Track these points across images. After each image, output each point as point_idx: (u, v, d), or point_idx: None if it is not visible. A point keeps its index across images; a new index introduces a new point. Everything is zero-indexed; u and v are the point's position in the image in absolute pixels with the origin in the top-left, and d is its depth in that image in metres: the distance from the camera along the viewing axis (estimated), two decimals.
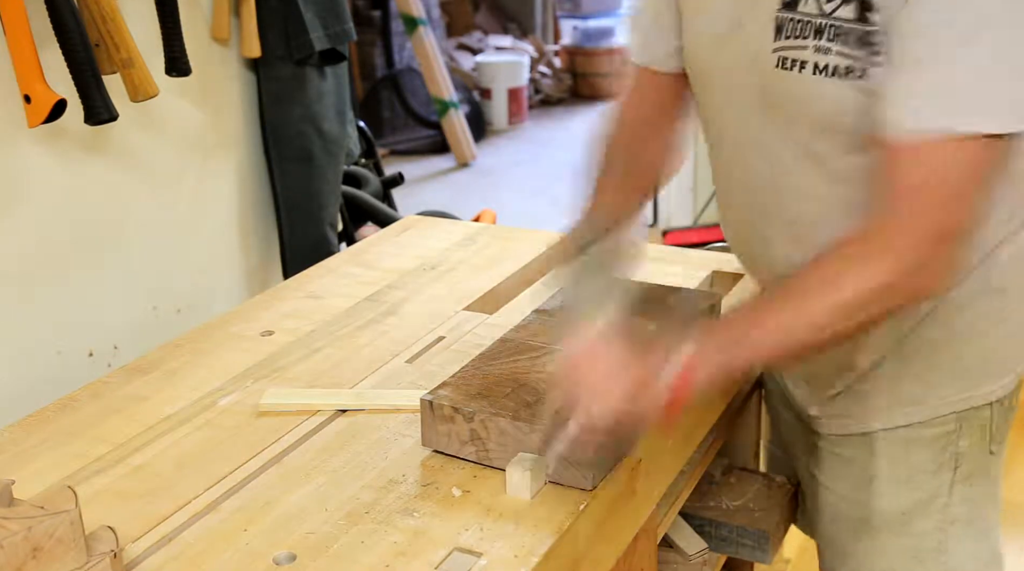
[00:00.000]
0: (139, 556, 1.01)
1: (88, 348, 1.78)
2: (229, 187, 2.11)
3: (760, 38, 1.15)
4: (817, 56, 1.10)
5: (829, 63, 1.10)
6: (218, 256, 2.09)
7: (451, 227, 2.00)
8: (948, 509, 1.35)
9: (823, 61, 1.10)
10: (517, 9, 8.17)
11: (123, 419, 1.29)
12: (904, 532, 1.36)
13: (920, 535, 1.35)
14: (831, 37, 1.09)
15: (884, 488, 1.35)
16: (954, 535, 1.35)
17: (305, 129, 2.20)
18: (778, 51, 1.13)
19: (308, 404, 1.29)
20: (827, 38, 1.09)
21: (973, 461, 1.34)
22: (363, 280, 1.71)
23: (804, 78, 1.12)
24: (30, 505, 0.92)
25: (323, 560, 0.98)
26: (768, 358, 1.12)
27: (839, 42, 1.08)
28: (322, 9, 2.16)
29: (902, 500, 1.35)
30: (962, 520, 1.35)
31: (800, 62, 1.12)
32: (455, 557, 0.98)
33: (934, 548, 1.36)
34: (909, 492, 1.35)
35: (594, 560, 1.09)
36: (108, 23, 1.61)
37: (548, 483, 1.09)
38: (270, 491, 1.11)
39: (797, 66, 1.12)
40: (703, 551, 1.57)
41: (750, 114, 1.22)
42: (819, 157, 1.18)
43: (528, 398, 1.14)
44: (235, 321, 1.57)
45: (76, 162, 1.73)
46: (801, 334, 1.05)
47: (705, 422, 1.41)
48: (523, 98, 7.03)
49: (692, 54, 1.30)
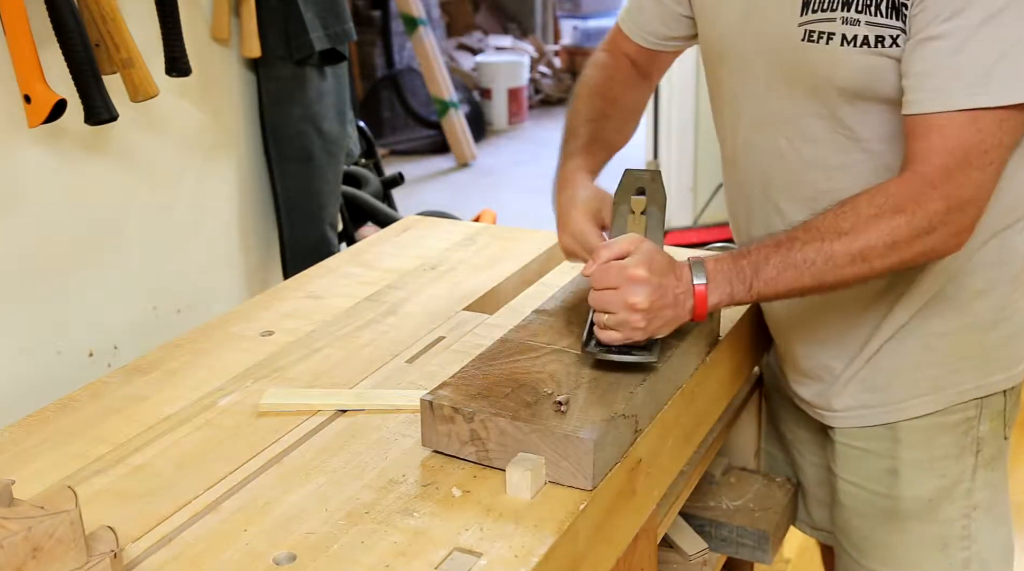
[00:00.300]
0: (139, 556, 1.01)
1: (88, 348, 1.78)
2: (229, 187, 2.11)
3: (786, 14, 1.19)
4: (845, 28, 1.14)
5: (858, 34, 1.14)
6: (218, 256, 2.09)
7: (451, 227, 2.00)
8: (972, 495, 1.36)
9: (851, 32, 1.14)
10: (517, 9, 8.18)
11: (123, 419, 1.29)
12: (930, 519, 1.37)
13: (946, 522, 1.37)
14: (860, 8, 1.13)
15: (909, 476, 1.36)
16: (977, 520, 1.37)
17: (305, 129, 2.20)
18: (804, 24, 1.17)
19: (308, 404, 1.29)
20: (856, 9, 1.13)
21: (993, 445, 1.36)
22: (363, 280, 1.71)
23: (832, 50, 1.16)
24: (30, 505, 0.92)
25: (323, 560, 0.98)
26: (784, 291, 1.17)
27: (868, 12, 1.12)
28: (322, 9, 2.16)
29: (927, 487, 1.36)
30: (984, 505, 1.37)
31: (828, 34, 1.15)
32: (455, 557, 0.98)
33: (959, 535, 1.37)
34: (934, 479, 1.36)
35: (594, 560, 1.09)
36: (108, 23, 1.61)
37: (548, 483, 1.09)
38: (270, 491, 1.11)
39: (824, 38, 1.16)
40: (703, 551, 1.57)
41: (773, 90, 1.26)
42: (847, 127, 1.22)
43: (528, 398, 1.14)
44: (235, 321, 1.57)
45: (76, 162, 1.73)
46: (819, 273, 1.13)
47: (705, 422, 1.41)
48: (523, 98, 7.03)
49: (711, 37, 1.34)
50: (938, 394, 1.33)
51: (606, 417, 1.10)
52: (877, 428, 1.37)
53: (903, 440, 1.36)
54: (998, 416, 1.35)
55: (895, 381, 1.34)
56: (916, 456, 1.36)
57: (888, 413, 1.36)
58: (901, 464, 1.36)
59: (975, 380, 1.33)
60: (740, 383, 1.53)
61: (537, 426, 1.08)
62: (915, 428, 1.35)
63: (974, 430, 1.34)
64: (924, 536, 1.38)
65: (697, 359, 1.33)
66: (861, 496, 1.42)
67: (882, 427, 1.37)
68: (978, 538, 1.37)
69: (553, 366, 1.21)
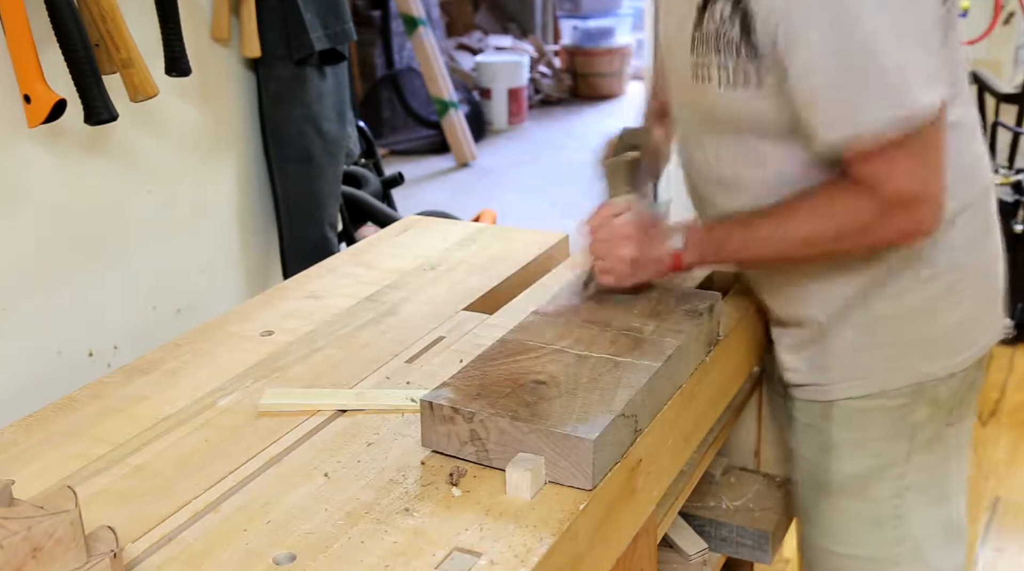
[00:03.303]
0: (139, 556, 1.01)
1: (88, 348, 1.79)
2: (229, 187, 2.11)
3: (684, 53, 1.29)
4: (720, 72, 1.24)
5: (730, 77, 1.23)
6: (218, 256, 2.10)
7: (451, 227, 2.00)
8: (905, 476, 1.41)
9: (725, 75, 1.23)
10: (517, 9, 8.18)
11: (123, 419, 1.29)
12: (862, 496, 1.43)
13: (877, 500, 1.42)
14: (727, 54, 1.22)
15: (841, 453, 1.42)
16: (909, 501, 1.42)
17: (305, 129, 2.20)
18: (694, 65, 1.27)
19: (308, 404, 1.29)
20: (724, 54, 1.22)
21: (931, 431, 1.40)
22: (363, 280, 1.71)
23: (714, 89, 1.25)
24: (30, 505, 0.92)
25: (323, 560, 0.98)
26: (747, 260, 1.39)
27: (733, 58, 1.21)
28: (322, 9, 2.16)
29: (859, 465, 1.42)
30: (917, 487, 1.41)
31: (709, 76, 1.25)
32: (455, 557, 0.98)
33: (891, 514, 1.42)
34: (865, 458, 1.41)
35: (594, 560, 1.09)
36: (108, 23, 1.61)
37: (548, 483, 1.09)
38: (270, 491, 1.11)
39: (707, 79, 1.25)
40: (703, 551, 1.57)
41: (691, 116, 1.37)
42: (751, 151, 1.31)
43: (528, 398, 1.14)
44: (235, 321, 1.57)
45: (76, 162, 1.73)
46: (782, 246, 1.27)
47: (705, 422, 1.41)
48: (523, 98, 7.03)
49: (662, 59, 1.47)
50: (870, 379, 1.37)
51: (606, 417, 1.10)
52: (818, 405, 1.42)
53: (836, 419, 1.41)
54: (934, 403, 1.38)
55: (834, 361, 1.39)
56: (848, 435, 1.41)
57: (826, 392, 1.41)
58: (834, 441, 1.42)
59: (910, 367, 1.36)
60: (740, 383, 1.54)
61: (537, 426, 1.08)
62: (848, 408, 1.40)
63: (910, 416, 1.38)
64: (856, 512, 1.44)
65: (697, 359, 1.33)
66: (806, 469, 1.48)
67: (821, 404, 1.42)
68: (910, 518, 1.42)
69: (553, 366, 1.21)
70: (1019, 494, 2.68)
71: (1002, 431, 3.00)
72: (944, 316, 1.35)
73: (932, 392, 1.37)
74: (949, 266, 1.33)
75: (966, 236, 1.33)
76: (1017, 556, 2.45)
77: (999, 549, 2.48)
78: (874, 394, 1.38)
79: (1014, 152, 3.58)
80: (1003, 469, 2.81)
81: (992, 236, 1.38)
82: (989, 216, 1.37)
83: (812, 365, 1.41)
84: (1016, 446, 2.91)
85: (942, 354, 1.36)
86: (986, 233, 1.37)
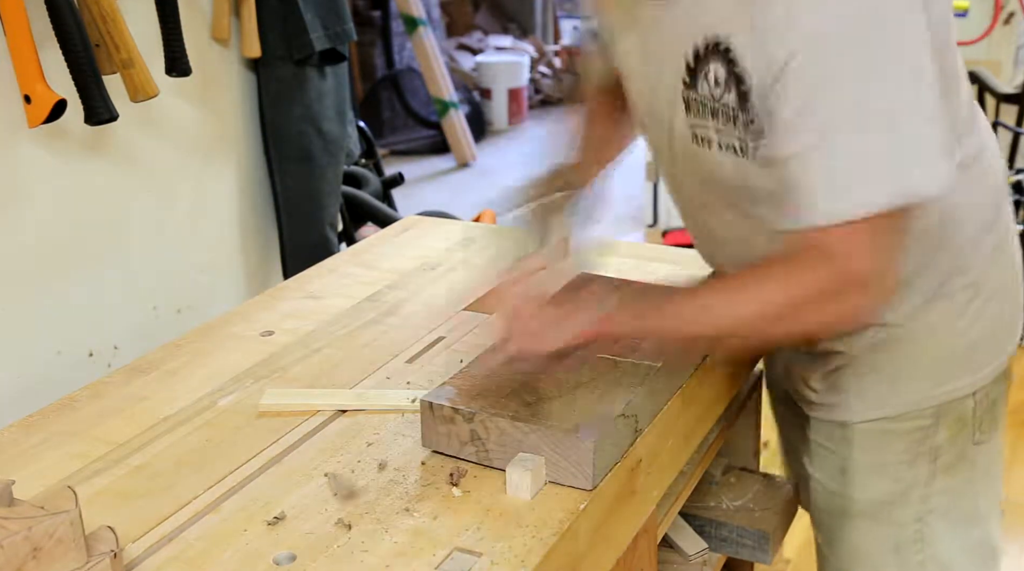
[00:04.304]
0: (139, 556, 1.01)
1: (88, 348, 1.79)
2: (229, 187, 2.11)
3: (674, 111, 1.22)
4: (719, 136, 1.17)
5: (728, 142, 1.17)
6: (218, 256, 2.09)
7: (451, 227, 2.00)
8: (927, 500, 1.36)
9: (724, 141, 1.17)
10: (517, 9, 8.17)
11: (123, 419, 1.29)
12: (883, 521, 1.39)
13: (899, 524, 1.38)
14: (724, 121, 1.16)
15: (860, 478, 1.38)
16: (931, 525, 1.37)
17: (305, 129, 2.20)
18: (691, 127, 1.20)
19: (308, 404, 1.29)
20: (721, 121, 1.16)
21: (955, 452, 1.35)
22: (363, 280, 1.71)
23: (713, 154, 1.19)
24: (30, 505, 0.92)
25: (323, 560, 0.98)
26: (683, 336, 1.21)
27: (730, 125, 1.15)
28: (322, 9, 2.16)
29: (879, 490, 1.37)
30: (940, 510, 1.37)
31: (707, 139, 1.19)
32: (455, 557, 0.98)
33: (911, 538, 1.38)
34: (886, 483, 1.37)
35: (594, 560, 1.09)
36: (108, 23, 1.61)
37: (548, 483, 1.09)
38: (270, 491, 1.11)
39: (706, 143, 1.19)
40: (703, 551, 1.57)
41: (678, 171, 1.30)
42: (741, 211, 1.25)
43: (528, 398, 1.14)
44: (235, 321, 1.57)
45: (76, 162, 1.73)
46: (720, 322, 1.15)
47: (705, 422, 1.41)
48: (523, 98, 7.03)
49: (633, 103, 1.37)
50: (888, 400, 1.33)
51: (606, 417, 1.10)
52: (836, 427, 1.38)
53: (855, 442, 1.36)
54: (960, 422, 1.34)
55: (847, 385, 1.35)
56: (867, 459, 1.36)
57: (843, 414, 1.37)
58: (853, 465, 1.37)
59: (927, 389, 1.32)
60: (740, 383, 1.54)
61: (537, 426, 1.08)
62: (867, 431, 1.35)
63: (930, 439, 1.33)
64: (876, 536, 1.39)
65: (697, 359, 1.33)
66: (823, 493, 1.44)
67: (839, 426, 1.38)
68: (933, 542, 1.37)
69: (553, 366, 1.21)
70: (1019, 494, 2.67)
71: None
72: (965, 334, 1.31)
73: (955, 411, 1.33)
74: (970, 284, 1.29)
75: (983, 254, 1.29)
76: (1017, 557, 2.45)
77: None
78: (894, 416, 1.33)
79: (1014, 152, 3.58)
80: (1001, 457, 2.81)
81: (1010, 249, 1.34)
82: (1007, 230, 1.33)
83: (830, 386, 1.37)
84: (1016, 446, 2.91)
85: (962, 371, 1.32)
86: (1005, 247, 1.33)
